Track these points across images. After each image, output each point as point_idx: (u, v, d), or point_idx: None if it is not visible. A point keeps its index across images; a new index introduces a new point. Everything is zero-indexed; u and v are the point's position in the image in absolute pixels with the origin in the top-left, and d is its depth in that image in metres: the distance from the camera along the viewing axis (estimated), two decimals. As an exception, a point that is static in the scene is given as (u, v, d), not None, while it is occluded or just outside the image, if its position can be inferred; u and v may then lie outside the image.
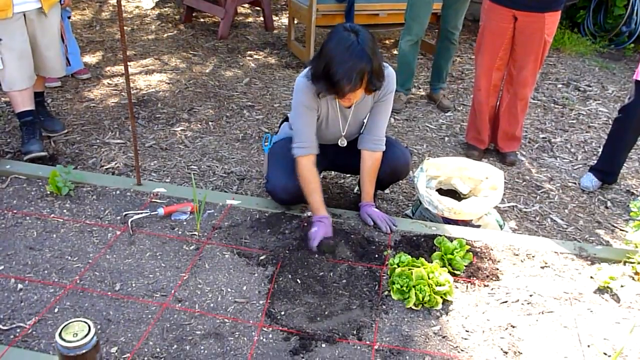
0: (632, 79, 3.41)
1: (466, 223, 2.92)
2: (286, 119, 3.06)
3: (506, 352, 2.13)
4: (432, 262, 2.48)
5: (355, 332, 2.16)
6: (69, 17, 4.48)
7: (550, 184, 3.72)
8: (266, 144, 3.01)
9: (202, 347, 2.05)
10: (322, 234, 2.58)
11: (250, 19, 6.76)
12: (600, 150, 4.13)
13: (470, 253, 2.60)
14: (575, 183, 3.74)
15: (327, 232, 2.60)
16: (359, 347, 2.10)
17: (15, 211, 2.75)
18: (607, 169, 3.63)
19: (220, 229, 2.71)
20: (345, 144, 2.87)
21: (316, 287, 2.36)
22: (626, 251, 2.73)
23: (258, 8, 6.72)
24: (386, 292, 2.38)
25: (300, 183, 2.69)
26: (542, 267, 2.61)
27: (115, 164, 3.49)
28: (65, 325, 1.72)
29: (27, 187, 2.94)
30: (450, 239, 2.64)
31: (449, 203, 2.83)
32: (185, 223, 2.74)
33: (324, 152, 2.86)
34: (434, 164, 3.05)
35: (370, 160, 2.80)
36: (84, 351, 1.69)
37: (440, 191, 3.07)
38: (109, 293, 2.28)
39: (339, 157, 2.99)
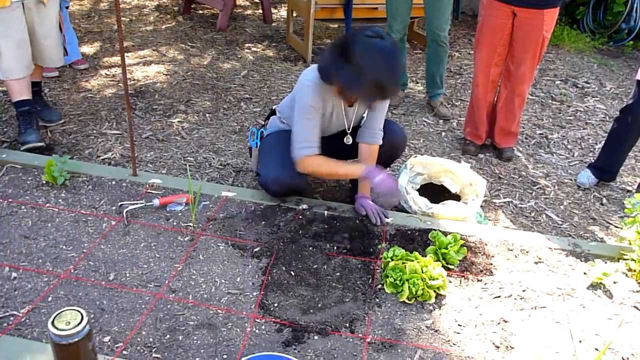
0: (634, 78, 3.40)
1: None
2: (273, 112, 3.06)
3: (498, 347, 2.14)
4: (426, 256, 2.49)
5: (347, 324, 2.17)
6: (67, 7, 4.46)
7: (546, 180, 3.72)
8: (252, 138, 3.01)
9: (195, 338, 2.06)
10: (389, 181, 2.62)
11: (249, 12, 6.75)
12: (597, 147, 4.15)
13: (465, 248, 2.61)
14: (571, 179, 3.74)
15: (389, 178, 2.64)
16: (351, 340, 2.11)
17: (10, 200, 2.75)
18: (606, 167, 3.63)
19: (215, 221, 2.71)
20: (351, 142, 2.88)
21: (310, 280, 2.37)
22: (620, 248, 2.74)
23: (257, 0, 6.70)
24: (379, 286, 2.39)
25: (319, 173, 2.76)
26: (536, 263, 2.62)
27: (112, 154, 3.48)
28: (58, 314, 1.71)
29: (23, 176, 2.94)
30: (445, 234, 2.65)
31: (424, 205, 2.87)
32: (180, 214, 2.74)
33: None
34: (420, 162, 3.09)
35: (368, 152, 2.82)
36: (76, 340, 1.68)
37: (432, 185, 3.09)
38: (103, 283, 2.28)
39: (336, 147, 3.01)
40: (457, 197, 3.08)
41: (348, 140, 2.88)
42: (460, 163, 3.13)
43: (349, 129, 2.84)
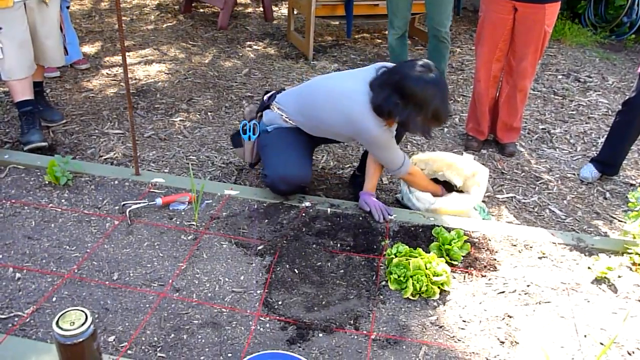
0: (636, 72, 3.39)
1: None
2: (267, 107, 3.04)
3: (503, 342, 2.13)
4: (429, 253, 2.49)
5: (352, 321, 2.17)
6: (67, 7, 4.46)
7: (549, 174, 3.71)
8: (245, 132, 3.00)
9: (199, 337, 2.06)
10: None
11: (249, 10, 6.74)
12: (599, 141, 4.14)
13: (468, 243, 2.60)
14: (574, 174, 3.73)
15: None
16: (355, 337, 2.11)
17: (13, 201, 2.75)
18: (608, 161, 3.62)
19: (218, 219, 2.71)
20: None
21: (314, 277, 2.37)
22: (624, 242, 2.73)
23: (258, -2, 6.70)
24: (383, 282, 2.38)
25: (414, 182, 2.96)
26: (540, 258, 2.62)
27: (114, 154, 3.49)
28: (63, 314, 1.72)
29: (26, 176, 2.95)
30: (448, 230, 2.64)
31: (427, 202, 2.86)
32: (183, 213, 2.74)
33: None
34: (423, 159, 3.09)
35: None
36: (80, 340, 1.69)
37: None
38: (107, 282, 2.28)
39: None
40: (461, 192, 3.07)
41: None
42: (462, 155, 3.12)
43: None
